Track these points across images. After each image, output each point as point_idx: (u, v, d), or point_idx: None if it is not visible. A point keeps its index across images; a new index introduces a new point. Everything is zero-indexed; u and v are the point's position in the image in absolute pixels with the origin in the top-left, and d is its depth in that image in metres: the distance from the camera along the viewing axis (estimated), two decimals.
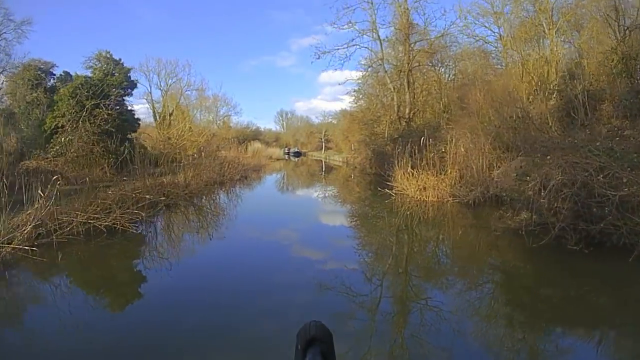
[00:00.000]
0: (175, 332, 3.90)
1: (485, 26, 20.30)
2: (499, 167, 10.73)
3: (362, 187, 18.39)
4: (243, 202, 13.82)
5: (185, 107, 30.00)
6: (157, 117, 28.38)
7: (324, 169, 33.19)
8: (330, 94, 78.36)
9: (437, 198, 10.76)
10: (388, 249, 7.56)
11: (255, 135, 51.26)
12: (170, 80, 29.09)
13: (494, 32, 19.91)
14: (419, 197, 11.19)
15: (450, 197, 10.42)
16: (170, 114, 28.13)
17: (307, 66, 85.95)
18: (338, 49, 19.65)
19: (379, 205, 11.59)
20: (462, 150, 11.61)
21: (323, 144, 53.14)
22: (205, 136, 25.88)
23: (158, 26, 61.48)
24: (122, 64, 15.67)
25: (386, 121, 19.80)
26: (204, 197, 13.55)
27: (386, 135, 18.96)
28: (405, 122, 18.68)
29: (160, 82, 28.81)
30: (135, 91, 16.49)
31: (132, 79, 15.84)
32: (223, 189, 15.58)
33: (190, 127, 25.22)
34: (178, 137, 23.75)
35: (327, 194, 16.93)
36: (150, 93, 28.58)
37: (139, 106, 29.41)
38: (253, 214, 11.56)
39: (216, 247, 7.58)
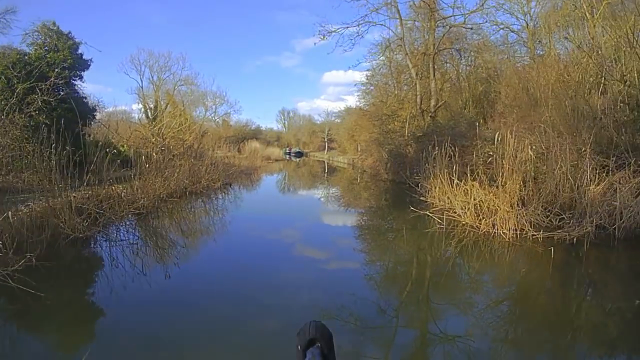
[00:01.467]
0: None
1: (511, 13, 17.39)
2: (594, 179, 7.19)
3: (374, 197, 14.75)
4: (216, 228, 9.32)
5: (180, 103, 26.80)
6: (149, 114, 25.36)
7: (326, 171, 29.65)
8: (333, 94, 75.64)
9: (517, 231, 6.53)
10: None
11: (256, 134, 48.20)
12: (163, 75, 25.86)
13: (519, 20, 17.26)
14: (484, 228, 6.99)
15: (531, 228, 6.56)
16: (165, 108, 25.04)
17: (311, 66, 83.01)
18: (348, 26, 16.18)
19: (424, 246, 7.47)
20: (530, 153, 8.06)
21: (326, 144, 49.88)
22: (194, 134, 22.73)
23: (163, 27, 59.66)
24: (73, 38, 12.15)
25: (405, 116, 16.25)
26: (156, 219, 9.16)
27: (406, 133, 15.41)
28: (430, 117, 15.15)
29: (152, 75, 25.59)
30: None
31: (84, 57, 12.30)
32: (193, 202, 11.86)
33: (182, 123, 21.97)
34: (162, 134, 20.61)
35: (330, 213, 13.35)
36: (142, 88, 25.42)
37: (139, 105, 26.70)
38: (219, 251, 7.35)
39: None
